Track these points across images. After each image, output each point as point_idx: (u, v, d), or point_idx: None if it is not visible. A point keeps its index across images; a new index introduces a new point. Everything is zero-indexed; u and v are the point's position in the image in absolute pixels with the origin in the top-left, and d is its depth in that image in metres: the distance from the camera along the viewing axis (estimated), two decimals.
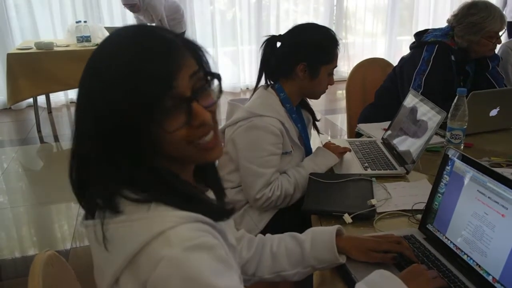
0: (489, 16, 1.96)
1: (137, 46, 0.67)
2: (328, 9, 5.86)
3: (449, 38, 2.08)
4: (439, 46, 2.05)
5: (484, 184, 0.96)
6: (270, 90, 1.56)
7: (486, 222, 0.94)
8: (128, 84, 0.65)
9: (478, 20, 1.96)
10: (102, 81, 0.66)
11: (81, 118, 0.70)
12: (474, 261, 0.95)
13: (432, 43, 2.08)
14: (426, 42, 2.10)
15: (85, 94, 0.69)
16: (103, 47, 0.70)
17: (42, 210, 2.93)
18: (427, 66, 2.06)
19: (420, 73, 2.08)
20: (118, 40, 0.70)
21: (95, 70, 0.68)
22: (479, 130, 1.84)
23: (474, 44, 2.02)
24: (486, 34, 1.98)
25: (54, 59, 4.06)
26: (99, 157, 0.68)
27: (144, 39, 0.68)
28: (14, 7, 4.86)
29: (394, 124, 1.77)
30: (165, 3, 4.52)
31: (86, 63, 0.70)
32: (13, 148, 4.05)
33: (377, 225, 1.21)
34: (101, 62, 0.68)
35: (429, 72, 2.05)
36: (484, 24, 1.96)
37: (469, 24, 1.99)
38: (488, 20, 1.95)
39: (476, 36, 1.99)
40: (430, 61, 2.05)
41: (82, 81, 0.70)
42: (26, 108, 4.97)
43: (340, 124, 4.52)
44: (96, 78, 0.67)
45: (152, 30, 0.71)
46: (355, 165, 1.58)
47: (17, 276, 2.29)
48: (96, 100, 0.67)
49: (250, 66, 5.75)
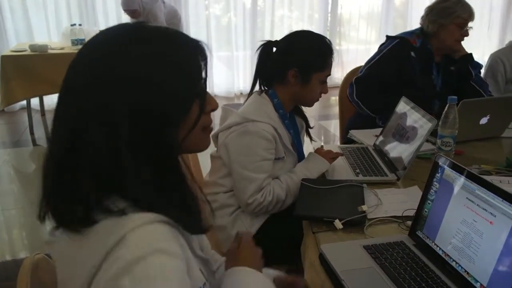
0: (459, 2, 2.10)
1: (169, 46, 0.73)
2: (322, 16, 5.90)
3: (414, 36, 2.17)
4: (399, 40, 2.16)
5: (473, 192, 0.97)
6: (263, 95, 1.57)
7: (474, 229, 0.95)
8: (172, 83, 0.71)
9: (449, 5, 2.10)
10: (142, 84, 0.68)
11: (88, 123, 0.68)
12: (462, 268, 0.97)
13: (394, 37, 2.19)
14: (389, 36, 2.23)
15: (106, 99, 0.68)
16: (129, 52, 0.70)
17: (33, 213, 2.89)
18: (377, 56, 2.18)
19: (369, 60, 2.21)
20: (143, 44, 0.72)
21: (123, 74, 0.68)
22: (469, 138, 1.86)
23: (443, 30, 2.10)
24: (456, 20, 2.08)
25: (48, 61, 4.05)
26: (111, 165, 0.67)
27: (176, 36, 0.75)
28: (9, 9, 4.84)
29: (386, 130, 1.78)
30: (164, 9, 4.54)
31: (95, 67, 0.69)
32: (6, 150, 4.03)
33: (367, 231, 1.22)
34: (129, 66, 0.69)
35: (377, 60, 2.17)
36: (454, 9, 2.08)
37: (441, 8, 2.11)
38: (459, 7, 2.08)
39: (446, 20, 2.09)
40: (381, 52, 2.17)
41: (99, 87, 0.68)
42: (19, 110, 4.95)
43: (333, 130, 4.54)
44: (129, 82, 0.68)
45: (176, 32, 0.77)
46: (346, 171, 1.59)
47: (7, 279, 2.27)
48: (129, 104, 0.67)
49: (245, 71, 5.77)
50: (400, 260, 1.04)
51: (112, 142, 0.66)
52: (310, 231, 1.24)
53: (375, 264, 1.03)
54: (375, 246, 1.10)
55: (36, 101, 4.70)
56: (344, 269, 1.01)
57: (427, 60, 2.16)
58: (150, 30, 0.74)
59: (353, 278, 0.98)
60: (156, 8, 4.39)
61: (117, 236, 0.63)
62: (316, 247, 1.16)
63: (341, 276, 0.99)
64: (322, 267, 1.08)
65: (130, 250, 0.63)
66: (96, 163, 0.67)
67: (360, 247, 1.10)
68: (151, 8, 4.35)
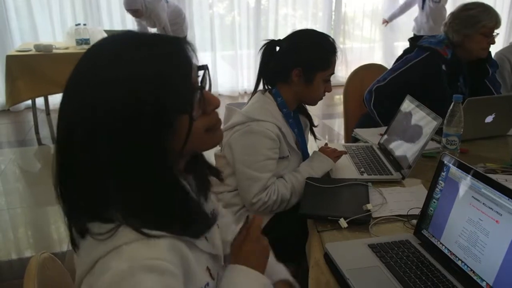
0: (485, 11, 1.97)
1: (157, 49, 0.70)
2: (326, 15, 5.90)
3: (443, 46, 2.05)
4: (430, 53, 2.02)
5: (479, 191, 0.97)
6: (267, 94, 1.57)
7: (480, 228, 0.95)
8: (162, 83, 0.68)
9: (475, 13, 1.97)
10: (133, 83, 0.66)
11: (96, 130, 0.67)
12: (468, 267, 0.96)
13: (424, 48, 2.06)
14: (419, 46, 2.08)
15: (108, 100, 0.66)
16: (120, 55, 0.69)
17: (39, 212, 2.92)
18: (404, 66, 2.05)
19: (393, 69, 2.06)
20: (132, 47, 0.70)
21: (119, 75, 0.67)
22: (474, 136, 1.85)
23: (469, 40, 2.00)
24: (481, 30, 1.97)
25: (53, 61, 4.06)
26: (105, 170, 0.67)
27: (161, 39, 0.73)
28: (14, 9, 4.87)
29: (390, 129, 1.78)
30: (168, 8, 4.54)
31: (92, 73, 0.68)
32: (11, 149, 4.05)
33: (372, 230, 1.21)
34: (120, 68, 0.67)
35: (401, 72, 2.04)
36: (480, 18, 1.96)
37: (465, 17, 1.99)
38: (485, 15, 1.96)
39: (471, 30, 1.97)
40: (410, 63, 2.04)
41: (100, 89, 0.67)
42: (24, 110, 4.97)
43: (337, 128, 4.53)
44: (119, 83, 0.66)
45: (159, 35, 0.75)
46: (351, 170, 1.59)
47: (13, 278, 2.28)
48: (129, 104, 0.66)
49: (249, 70, 5.77)
50: (406, 259, 1.04)
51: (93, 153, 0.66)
52: (315, 230, 1.24)
53: (380, 263, 1.03)
54: (380, 245, 1.10)
55: (41, 100, 4.72)
56: (349, 268, 1.01)
57: (457, 71, 2.05)
58: (139, 37, 0.73)
59: (359, 277, 0.98)
60: (159, 8, 4.39)
61: (109, 247, 0.65)
62: (321, 246, 1.16)
63: (346, 275, 0.99)
64: (327, 266, 1.07)
65: (121, 262, 0.63)
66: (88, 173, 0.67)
67: (365, 246, 1.10)
68: (154, 7, 4.35)
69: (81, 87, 0.68)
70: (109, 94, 0.66)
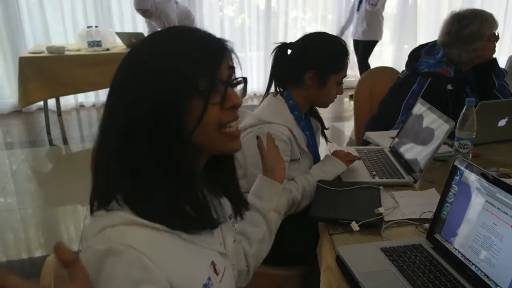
0: (481, 21, 1.93)
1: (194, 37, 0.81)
2: (336, 17, 5.89)
3: (444, 65, 1.99)
4: (432, 80, 1.98)
5: (493, 195, 0.96)
6: (279, 97, 1.57)
7: (494, 232, 0.94)
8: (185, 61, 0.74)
9: (475, 29, 1.93)
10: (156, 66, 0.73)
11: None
12: (482, 271, 0.95)
13: (425, 75, 2.00)
14: (419, 73, 2.02)
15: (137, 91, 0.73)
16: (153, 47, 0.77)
17: (50, 212, 2.96)
18: (415, 101, 1.95)
19: (407, 107, 2.01)
20: (173, 37, 0.80)
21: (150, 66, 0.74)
22: (487, 140, 1.83)
23: (479, 51, 1.97)
24: (486, 39, 1.95)
25: (65, 63, 4.11)
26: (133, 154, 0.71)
27: (199, 32, 0.83)
28: (27, 11, 4.94)
29: (402, 132, 1.77)
30: (177, 9, 4.57)
31: (130, 64, 0.76)
32: (23, 150, 4.10)
33: (384, 234, 1.21)
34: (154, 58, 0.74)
35: (406, 101, 2.01)
36: (481, 30, 1.93)
37: (467, 36, 1.94)
38: (483, 25, 1.93)
39: (479, 44, 1.95)
40: (419, 96, 1.97)
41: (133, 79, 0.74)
42: (36, 111, 5.03)
43: (347, 131, 4.52)
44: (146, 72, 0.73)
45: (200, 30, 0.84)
46: (363, 173, 1.58)
47: (24, 277, 2.30)
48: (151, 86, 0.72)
49: (258, 72, 5.78)
50: (418, 263, 1.04)
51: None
52: (327, 233, 1.24)
53: (393, 267, 1.03)
54: (393, 249, 1.09)
55: (52, 102, 4.77)
56: (362, 271, 1.01)
57: (463, 84, 2.03)
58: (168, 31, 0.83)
59: (371, 281, 0.98)
60: (169, 8, 4.42)
61: (99, 227, 0.69)
62: (333, 249, 1.16)
63: (359, 278, 0.99)
64: (339, 269, 1.07)
65: (104, 241, 0.67)
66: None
67: (378, 249, 1.10)
68: (163, 8, 4.38)
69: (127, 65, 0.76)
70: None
